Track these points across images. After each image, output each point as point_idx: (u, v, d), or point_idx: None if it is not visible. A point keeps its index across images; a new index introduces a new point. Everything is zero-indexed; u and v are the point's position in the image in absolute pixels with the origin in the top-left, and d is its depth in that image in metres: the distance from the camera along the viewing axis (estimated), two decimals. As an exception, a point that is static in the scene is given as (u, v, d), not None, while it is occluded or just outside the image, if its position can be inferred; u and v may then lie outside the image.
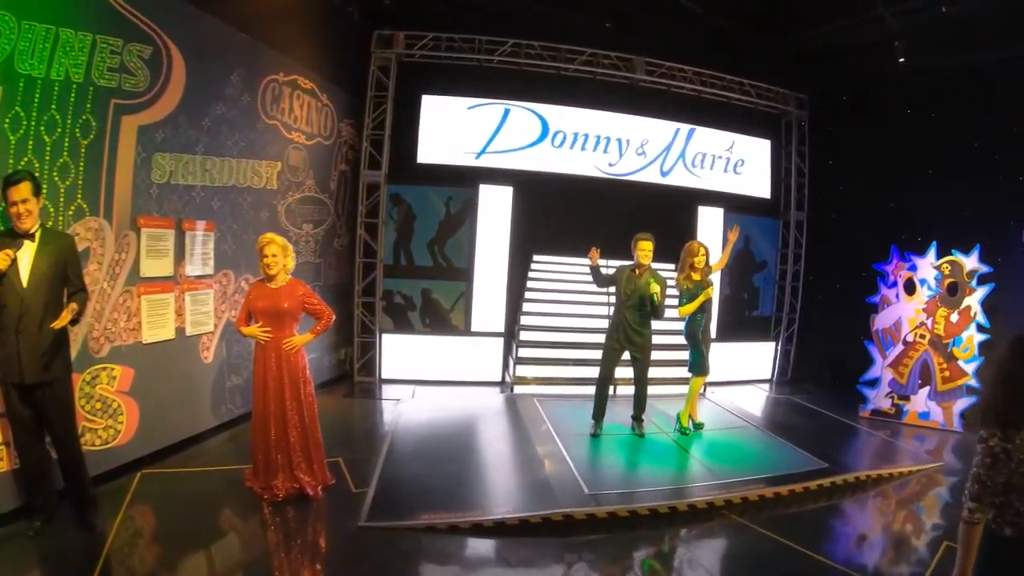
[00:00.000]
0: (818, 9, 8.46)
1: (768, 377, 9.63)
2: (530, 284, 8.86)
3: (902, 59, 8.05)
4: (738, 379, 9.18)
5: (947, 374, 7.23)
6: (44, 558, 3.66)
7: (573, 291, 8.82)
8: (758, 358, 9.61)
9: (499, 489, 5.12)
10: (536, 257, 9.03)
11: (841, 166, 9.55)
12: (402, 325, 8.64)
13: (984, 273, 7.12)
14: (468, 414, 7.14)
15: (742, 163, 9.51)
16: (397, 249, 8.55)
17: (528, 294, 8.74)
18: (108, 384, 4.58)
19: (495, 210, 8.61)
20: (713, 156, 9.34)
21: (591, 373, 6.74)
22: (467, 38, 8.10)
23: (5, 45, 3.68)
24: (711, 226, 9.30)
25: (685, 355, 6.68)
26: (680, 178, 9.19)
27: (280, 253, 4.52)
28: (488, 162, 8.46)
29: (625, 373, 6.50)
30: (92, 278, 4.36)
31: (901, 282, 7.63)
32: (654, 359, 6.44)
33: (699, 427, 6.64)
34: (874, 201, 8.90)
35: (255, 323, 4.55)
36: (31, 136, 3.92)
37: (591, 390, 6.47)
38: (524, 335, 8.33)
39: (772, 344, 9.73)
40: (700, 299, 6.18)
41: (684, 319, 6.40)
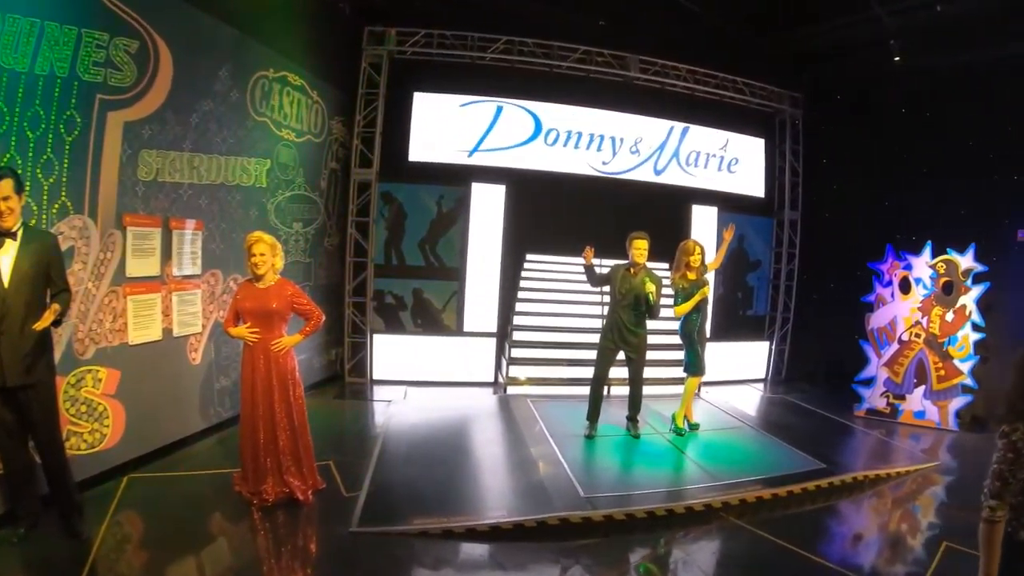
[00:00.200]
0: (814, 8, 8.43)
1: (762, 376, 9.62)
2: (523, 283, 8.77)
3: (897, 58, 8.05)
4: (732, 379, 9.16)
5: (942, 373, 7.24)
6: (28, 565, 3.56)
7: (567, 290, 8.74)
8: (752, 357, 9.60)
9: (493, 492, 5.04)
10: (529, 256, 8.94)
11: (836, 165, 9.56)
12: (393, 325, 8.57)
13: (979, 272, 7.14)
14: (461, 415, 7.06)
15: (736, 162, 9.48)
16: (388, 248, 8.47)
17: (521, 293, 8.66)
18: (93, 387, 4.48)
19: (487, 209, 8.54)
20: (707, 155, 9.32)
21: (585, 373, 6.69)
22: (459, 35, 8.04)
23: (-12, 39, 3.59)
24: (705, 225, 9.25)
25: (680, 355, 6.64)
26: (674, 177, 9.16)
27: (268, 252, 4.42)
28: (480, 160, 8.39)
29: (620, 373, 6.44)
30: (76, 278, 4.26)
31: (896, 281, 7.62)
32: (649, 359, 6.39)
33: (694, 428, 6.59)
34: (869, 200, 8.92)
35: (243, 324, 4.46)
36: (14, 132, 3.83)
37: (585, 391, 6.42)
38: (517, 335, 8.26)
39: (766, 343, 9.72)
40: (696, 298, 6.12)
41: (679, 319, 6.34)
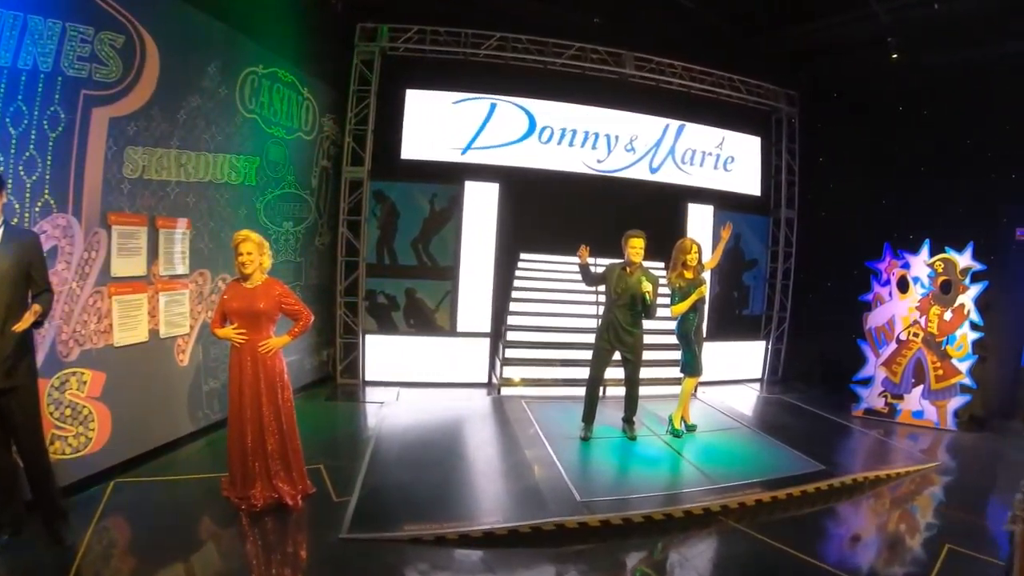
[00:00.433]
0: (811, 6, 8.36)
1: (759, 376, 9.56)
2: (517, 283, 8.69)
3: (895, 56, 8.00)
4: (729, 379, 9.10)
5: (941, 372, 7.20)
6: (11, 573, 3.46)
7: (561, 290, 8.67)
8: (749, 357, 9.54)
9: (487, 497, 4.93)
10: (523, 255, 8.86)
11: (833, 163, 9.52)
12: (386, 326, 8.45)
13: (977, 271, 7.11)
14: (454, 417, 6.97)
15: (732, 160, 9.42)
16: (380, 247, 8.36)
17: (515, 293, 8.58)
18: (78, 389, 4.39)
19: (481, 207, 8.43)
20: (703, 153, 9.25)
21: (580, 374, 6.59)
22: (453, 31, 7.95)
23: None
24: (701, 223, 9.20)
25: (677, 355, 6.55)
26: (670, 175, 9.08)
27: (256, 251, 4.31)
28: (474, 158, 8.28)
29: (616, 374, 6.35)
30: (60, 278, 4.17)
31: (894, 280, 7.58)
32: (645, 359, 6.31)
33: (691, 429, 6.51)
34: (866, 198, 8.88)
35: (230, 324, 4.35)
36: (-6, 128, 3.73)
37: (581, 392, 6.34)
38: (511, 335, 8.18)
39: (763, 343, 9.66)
40: (693, 298, 6.02)
41: (676, 318, 6.26)
